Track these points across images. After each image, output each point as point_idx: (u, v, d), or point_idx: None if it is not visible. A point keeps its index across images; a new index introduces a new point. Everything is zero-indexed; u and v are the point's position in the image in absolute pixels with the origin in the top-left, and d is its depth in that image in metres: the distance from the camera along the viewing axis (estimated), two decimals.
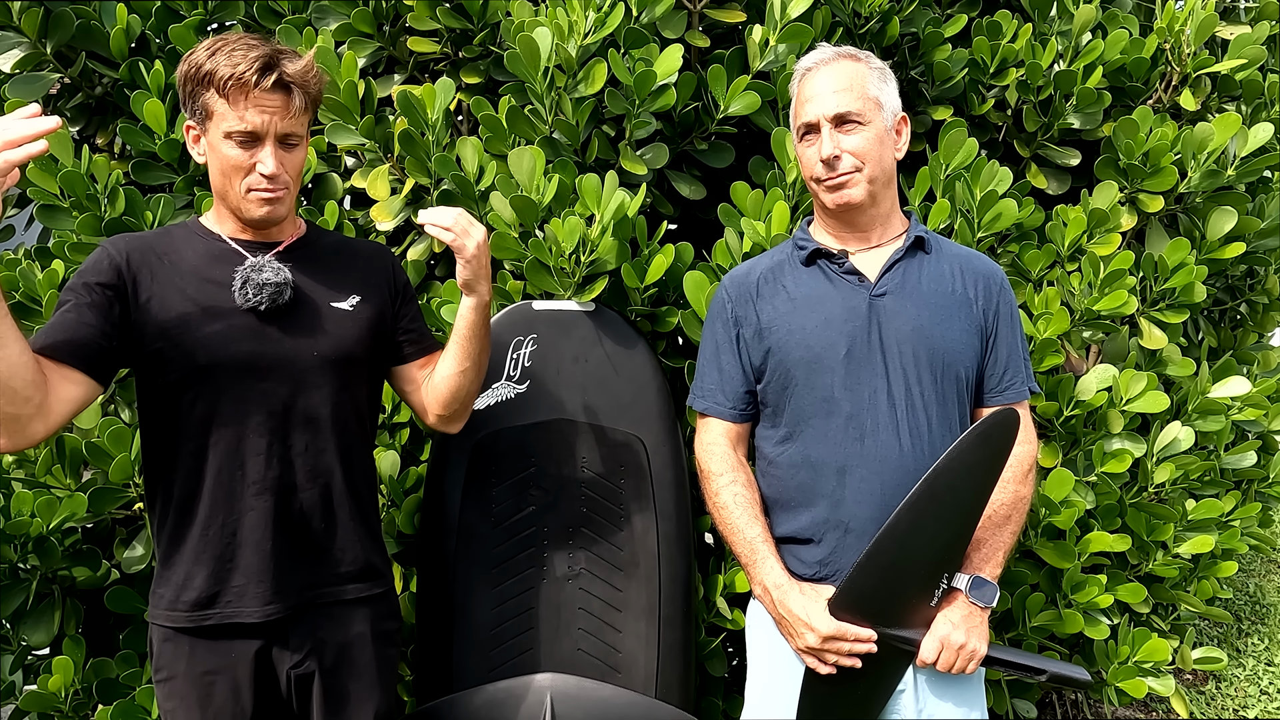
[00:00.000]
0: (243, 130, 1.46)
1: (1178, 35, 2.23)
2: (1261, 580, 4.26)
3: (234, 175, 1.49)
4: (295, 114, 1.50)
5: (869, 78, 1.58)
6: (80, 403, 1.43)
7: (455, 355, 1.63)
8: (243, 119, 1.45)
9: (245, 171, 1.49)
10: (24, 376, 1.31)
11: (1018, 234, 2.21)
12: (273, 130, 1.47)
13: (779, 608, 1.55)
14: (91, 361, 1.43)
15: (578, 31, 1.92)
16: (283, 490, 1.53)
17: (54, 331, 1.42)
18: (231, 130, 1.46)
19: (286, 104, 1.48)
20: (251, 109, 1.45)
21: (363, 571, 1.62)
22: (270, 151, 1.48)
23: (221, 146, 1.48)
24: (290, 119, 1.49)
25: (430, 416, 1.70)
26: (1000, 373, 1.63)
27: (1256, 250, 2.39)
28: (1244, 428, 2.48)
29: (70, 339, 1.41)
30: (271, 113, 1.47)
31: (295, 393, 1.53)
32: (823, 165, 1.56)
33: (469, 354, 1.62)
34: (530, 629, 1.91)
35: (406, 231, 2.23)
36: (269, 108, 1.46)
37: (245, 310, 1.50)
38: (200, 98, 1.47)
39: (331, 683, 1.58)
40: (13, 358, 1.29)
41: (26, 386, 1.32)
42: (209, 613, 1.51)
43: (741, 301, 1.66)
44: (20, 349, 1.31)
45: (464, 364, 1.63)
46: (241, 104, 1.45)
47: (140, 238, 1.57)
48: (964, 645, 1.51)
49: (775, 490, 1.64)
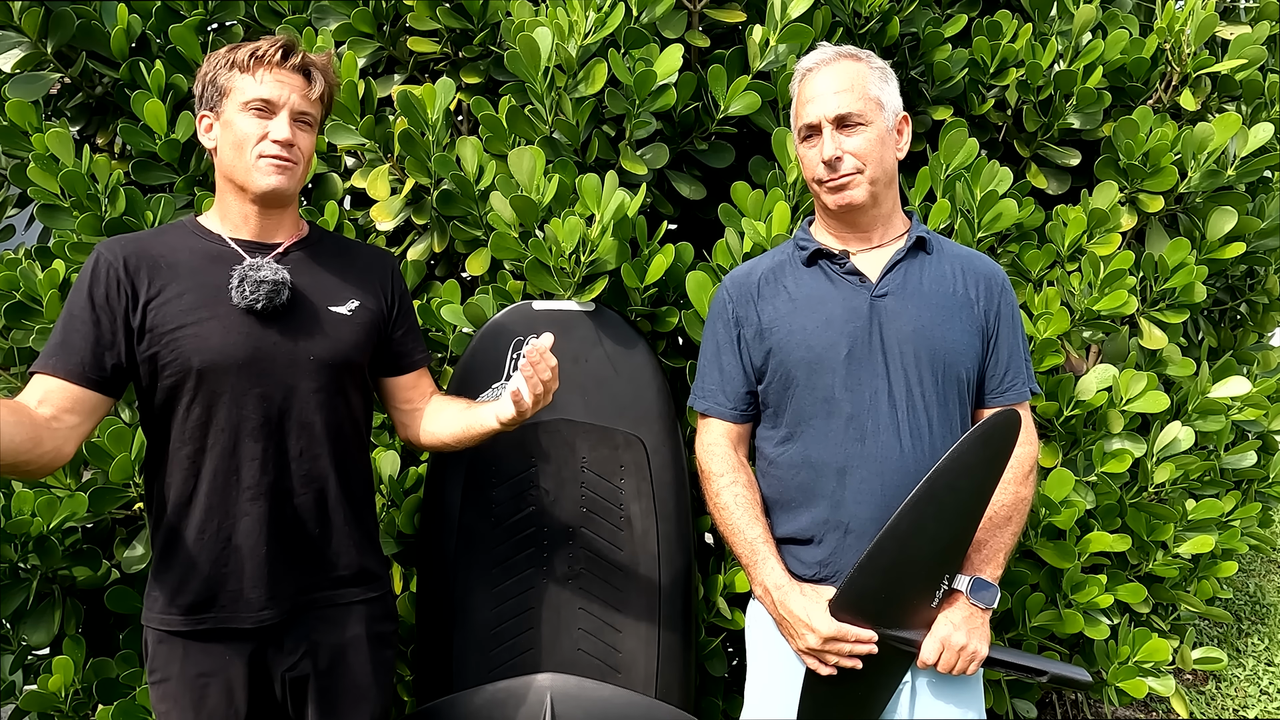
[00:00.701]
0: (261, 98, 1.50)
1: (1178, 35, 2.23)
2: (1261, 580, 4.26)
3: (246, 144, 1.51)
4: (313, 95, 1.55)
5: (870, 77, 1.58)
6: (98, 420, 1.49)
7: (455, 437, 1.65)
8: (261, 86, 1.50)
9: (258, 139, 1.51)
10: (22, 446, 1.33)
11: (1018, 234, 2.21)
12: (289, 104, 1.52)
13: (779, 609, 1.55)
14: (106, 383, 1.47)
15: (578, 31, 1.92)
16: (278, 495, 1.53)
17: (67, 355, 1.44)
18: (249, 99, 1.50)
19: (305, 85, 1.55)
20: (270, 81, 1.51)
21: (358, 576, 1.62)
22: (285, 120, 1.52)
23: (237, 119, 1.51)
24: (306, 99, 1.54)
25: (407, 439, 1.76)
26: (1001, 374, 1.63)
27: (1256, 250, 2.39)
28: (1244, 428, 2.48)
29: (83, 362, 1.44)
30: (290, 88, 1.53)
31: (290, 397, 1.53)
32: (824, 167, 1.56)
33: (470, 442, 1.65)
34: (530, 629, 1.91)
35: (406, 231, 2.23)
36: (287, 82, 1.53)
37: (243, 311, 1.50)
38: (219, 81, 1.52)
39: (326, 685, 1.58)
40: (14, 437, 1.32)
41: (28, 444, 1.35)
42: (204, 617, 1.51)
43: (742, 302, 1.66)
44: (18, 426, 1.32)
45: (461, 445, 1.67)
46: (260, 75, 1.51)
47: (136, 240, 1.56)
48: (965, 646, 1.50)
49: (776, 491, 1.64)
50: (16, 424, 1.34)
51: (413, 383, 1.73)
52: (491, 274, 2.12)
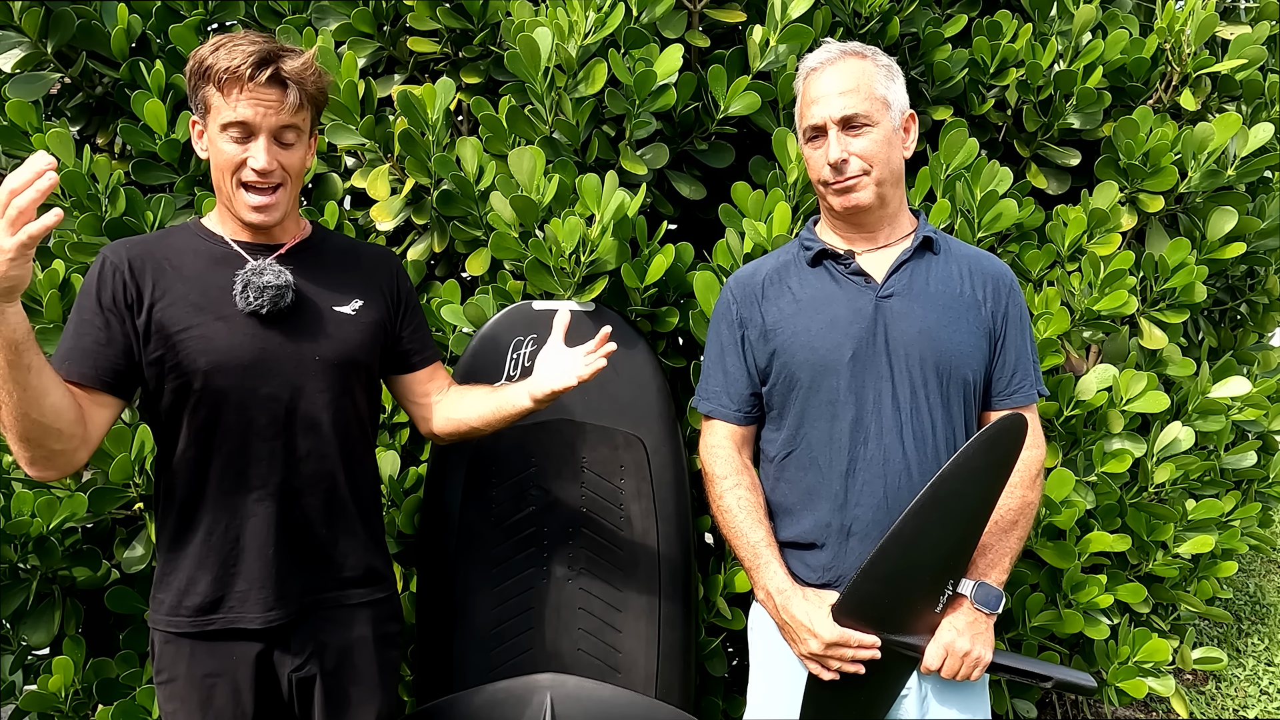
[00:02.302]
0: (236, 122, 1.44)
1: (1178, 35, 2.23)
2: (1261, 580, 4.26)
3: (228, 171, 1.48)
4: (290, 109, 1.47)
5: (876, 76, 1.55)
6: (112, 423, 1.49)
7: (484, 419, 1.65)
8: (236, 111, 1.44)
9: (239, 166, 1.47)
10: (67, 417, 1.37)
11: (1018, 234, 2.21)
12: (266, 125, 1.46)
13: (782, 613, 1.54)
14: (119, 385, 1.47)
15: (578, 31, 1.92)
16: (286, 495, 1.53)
17: (80, 359, 1.44)
18: (226, 122, 1.45)
19: (281, 99, 1.46)
20: (245, 102, 1.44)
21: (365, 576, 1.62)
22: (263, 146, 1.46)
23: (218, 141, 1.47)
24: (285, 114, 1.47)
25: (429, 433, 1.74)
26: (1009, 376, 1.61)
27: (1257, 250, 2.39)
28: (1244, 428, 2.48)
29: (97, 365, 1.45)
30: (266, 106, 1.45)
31: (297, 397, 1.53)
32: (830, 169, 1.54)
33: (498, 424, 1.64)
34: (530, 629, 1.91)
35: (406, 231, 2.23)
36: (263, 101, 1.45)
37: (247, 314, 1.49)
38: (200, 92, 1.47)
39: (333, 686, 1.58)
40: (57, 402, 1.34)
41: (71, 425, 1.37)
42: (212, 618, 1.51)
43: (747, 303, 1.65)
44: (61, 393, 1.35)
45: (489, 427, 1.66)
46: (235, 96, 1.44)
47: (140, 243, 1.55)
48: (969, 652, 1.49)
49: (779, 493, 1.63)
50: (70, 405, 1.37)
51: (428, 377, 1.73)
52: (491, 274, 2.12)
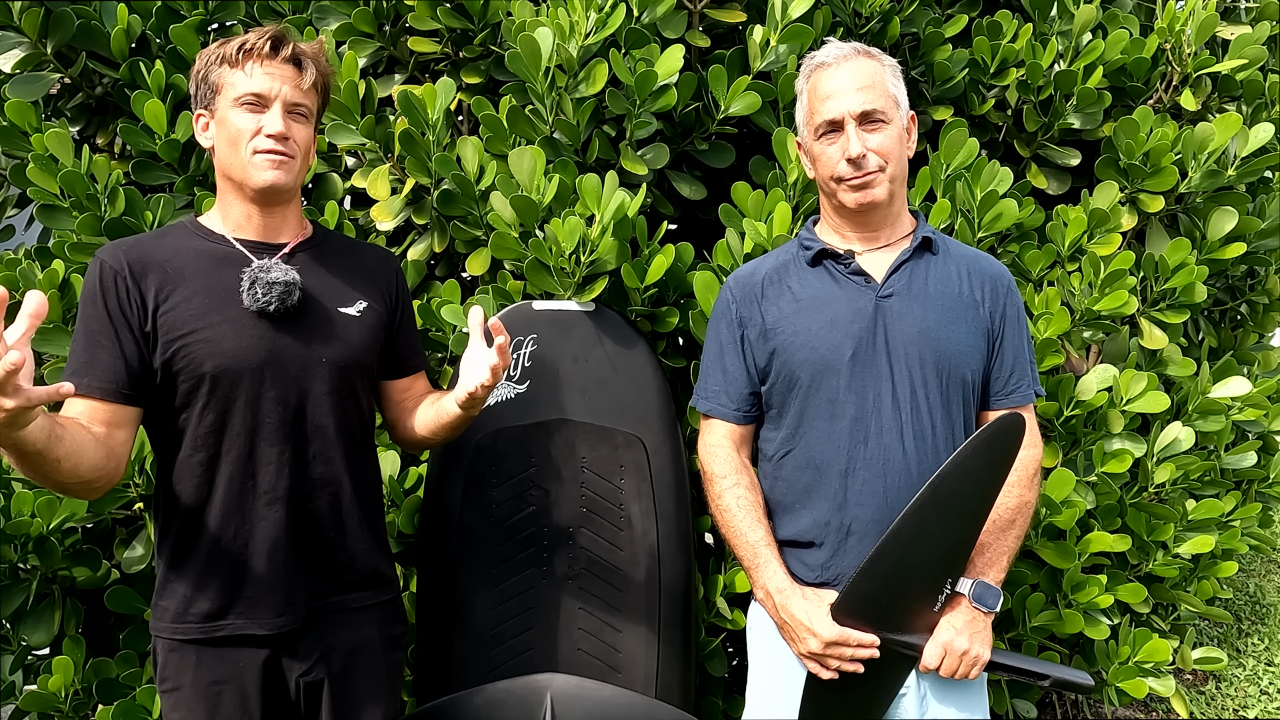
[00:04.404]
0: (252, 92, 1.47)
1: (1178, 35, 2.23)
2: (1261, 580, 4.26)
3: (241, 140, 1.48)
4: (304, 87, 1.51)
5: (887, 75, 1.58)
6: (134, 435, 1.48)
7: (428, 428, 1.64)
8: (252, 80, 1.47)
9: (253, 134, 1.48)
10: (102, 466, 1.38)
11: (1018, 234, 2.21)
12: (282, 96, 1.49)
13: (781, 613, 1.54)
14: (138, 395, 1.46)
15: (579, 31, 1.92)
16: (295, 499, 1.52)
17: (99, 373, 1.43)
18: (241, 94, 1.47)
19: (297, 75, 1.51)
20: (261, 74, 1.48)
21: (371, 578, 1.62)
22: (278, 113, 1.48)
23: (230, 115, 1.48)
24: (299, 90, 1.51)
25: (396, 439, 1.74)
26: (1006, 376, 1.62)
27: (1257, 250, 2.39)
28: (1244, 428, 2.48)
29: (116, 378, 1.43)
30: (281, 79, 1.49)
31: (304, 399, 1.52)
32: (847, 164, 1.54)
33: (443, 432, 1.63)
34: (530, 629, 1.91)
35: (406, 231, 2.23)
36: (279, 75, 1.49)
37: (254, 313, 1.48)
38: (211, 77, 1.50)
39: (341, 689, 1.57)
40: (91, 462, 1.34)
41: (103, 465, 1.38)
42: (220, 624, 1.49)
43: (746, 302, 1.65)
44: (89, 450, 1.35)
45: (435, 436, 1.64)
46: (251, 68, 1.48)
47: (137, 244, 1.52)
48: (967, 651, 1.50)
49: (778, 492, 1.63)
50: (94, 443, 1.36)
51: (408, 385, 1.73)
52: (491, 274, 2.12)
